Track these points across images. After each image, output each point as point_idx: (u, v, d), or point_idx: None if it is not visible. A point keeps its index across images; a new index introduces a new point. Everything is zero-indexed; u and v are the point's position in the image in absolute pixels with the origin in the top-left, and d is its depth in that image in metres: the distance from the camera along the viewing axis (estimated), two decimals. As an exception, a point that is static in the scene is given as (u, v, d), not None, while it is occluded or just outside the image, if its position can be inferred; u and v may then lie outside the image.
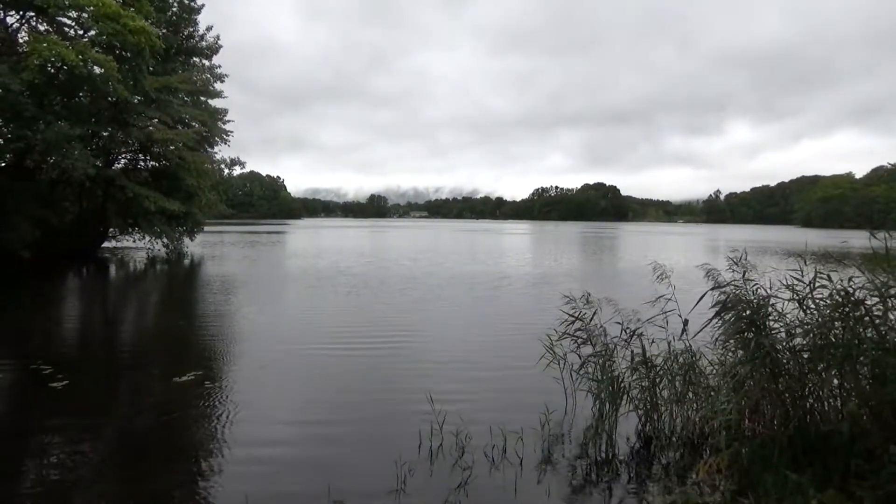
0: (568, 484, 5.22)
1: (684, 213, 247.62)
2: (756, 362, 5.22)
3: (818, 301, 5.26)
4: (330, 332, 11.88)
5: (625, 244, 53.71)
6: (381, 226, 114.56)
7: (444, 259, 31.50)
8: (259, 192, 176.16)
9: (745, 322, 5.38)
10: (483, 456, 5.69)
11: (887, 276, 5.11)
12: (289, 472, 5.37)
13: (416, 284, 19.58)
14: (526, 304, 15.90)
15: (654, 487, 5.18)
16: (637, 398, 6.40)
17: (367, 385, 8.11)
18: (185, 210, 29.65)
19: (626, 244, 53.71)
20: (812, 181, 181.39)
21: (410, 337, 11.48)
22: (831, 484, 4.39)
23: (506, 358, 9.80)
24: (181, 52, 32.97)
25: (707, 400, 5.98)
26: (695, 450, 5.83)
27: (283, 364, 9.10)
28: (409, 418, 6.57)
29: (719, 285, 5.77)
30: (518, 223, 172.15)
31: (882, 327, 4.97)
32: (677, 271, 6.64)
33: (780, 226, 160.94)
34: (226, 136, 34.25)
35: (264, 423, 6.61)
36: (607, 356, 6.60)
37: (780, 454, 4.77)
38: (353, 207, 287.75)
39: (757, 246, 46.29)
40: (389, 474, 5.20)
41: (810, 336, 5.14)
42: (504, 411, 6.93)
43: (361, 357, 9.61)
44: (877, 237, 5.40)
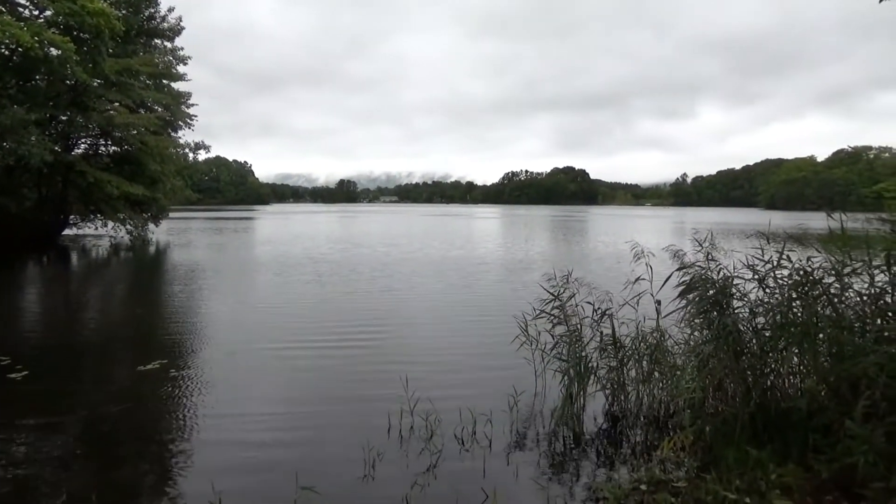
0: (536, 464, 5.27)
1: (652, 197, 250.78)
2: (719, 341, 5.32)
3: (779, 280, 5.37)
4: (300, 319, 11.79)
5: (594, 227, 54.27)
6: (350, 211, 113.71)
7: (415, 244, 31.46)
8: (226, 178, 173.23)
9: (709, 302, 5.47)
10: (453, 439, 5.72)
11: (843, 255, 5.24)
12: (257, 459, 5.32)
13: (387, 271, 19.56)
14: (499, 287, 15.98)
15: (621, 466, 5.26)
16: (605, 378, 6.48)
17: (338, 372, 8.08)
18: (150, 196, 29.04)
19: (596, 227, 54.28)
20: (776, 164, 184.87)
21: (382, 323, 11.47)
22: (790, 458, 4.51)
23: (479, 341, 9.86)
24: (142, 34, 32.09)
25: (672, 379, 6.08)
26: (660, 428, 5.94)
27: (252, 351, 9.01)
28: (380, 404, 6.55)
29: (684, 266, 5.85)
30: (488, 207, 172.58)
31: (839, 305, 5.10)
32: (646, 253, 6.72)
33: (745, 208, 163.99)
34: (190, 119, 33.55)
35: (232, 410, 6.55)
36: (577, 337, 6.67)
37: (741, 431, 4.88)
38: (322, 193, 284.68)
39: (722, 228, 47.17)
40: (358, 459, 5.19)
41: (771, 315, 5.24)
42: (475, 394, 6.96)
43: (332, 344, 9.57)
44: (833, 218, 5.52)
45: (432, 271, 19.36)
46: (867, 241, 5.41)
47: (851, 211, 5.71)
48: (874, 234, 5.41)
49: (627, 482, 4.70)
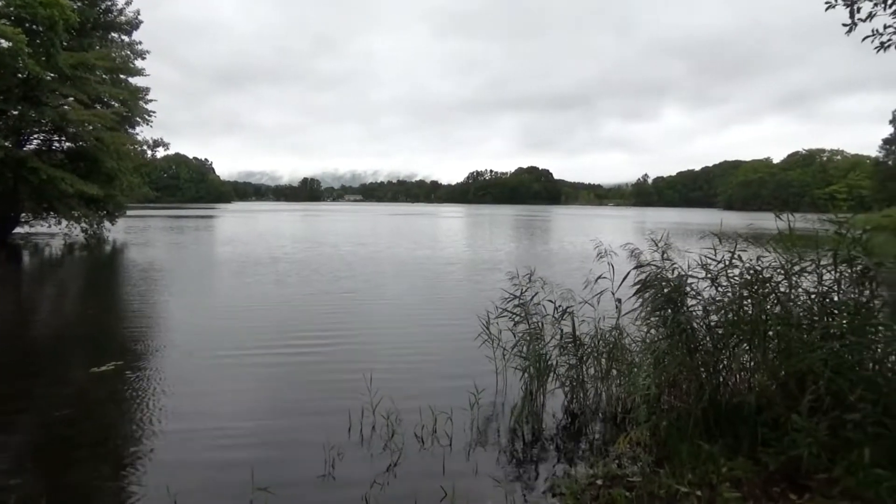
0: (495, 461, 5.32)
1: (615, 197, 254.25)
2: (674, 339, 5.45)
3: (730, 279, 5.52)
4: (260, 320, 11.65)
5: (558, 227, 54.82)
6: (313, 210, 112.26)
7: (380, 244, 31.37)
8: (186, 175, 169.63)
9: (663, 300, 5.59)
10: (413, 438, 5.73)
11: (792, 255, 5.41)
12: (213, 460, 5.26)
13: (352, 271, 19.45)
14: (464, 287, 16.04)
15: (580, 461, 5.34)
16: (564, 375, 6.57)
17: (298, 373, 8.02)
18: (105, 193, 28.30)
19: (560, 227, 54.84)
20: (734, 166, 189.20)
21: (345, 324, 11.41)
22: (741, 452, 4.65)
23: (442, 340, 9.89)
24: (98, 27, 31.24)
25: (630, 376, 6.20)
26: (618, 424, 6.04)
27: (210, 352, 8.87)
28: (341, 404, 6.52)
29: (641, 265, 5.97)
30: (453, 207, 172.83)
31: (788, 303, 5.26)
32: (607, 252, 6.83)
33: (704, 208, 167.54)
34: (148, 115, 32.83)
35: (188, 411, 6.44)
36: (538, 335, 6.75)
37: (694, 426, 5.01)
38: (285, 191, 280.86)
39: (681, 228, 48.15)
40: (318, 459, 5.17)
41: (723, 313, 5.39)
42: (437, 393, 6.97)
43: (293, 345, 9.47)
44: (781, 219, 5.70)
45: (397, 271, 19.34)
46: (815, 241, 5.61)
47: (805, 211, 5.90)
48: (822, 234, 5.61)
49: (584, 477, 4.78)
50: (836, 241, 5.34)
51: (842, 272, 5.33)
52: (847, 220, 5.44)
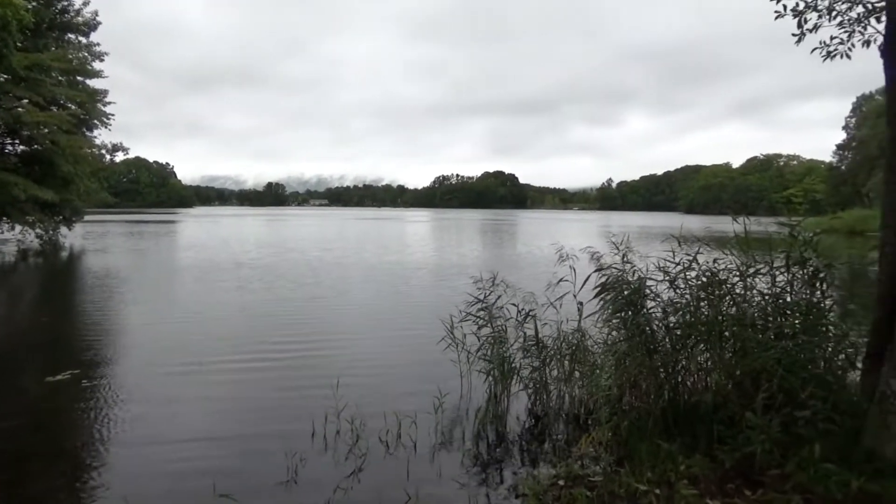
0: (460, 464, 5.34)
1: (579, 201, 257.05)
2: (634, 340, 5.55)
3: (688, 281, 5.65)
4: (223, 327, 11.48)
5: (525, 231, 55.26)
6: (277, 214, 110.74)
7: (348, 249, 31.20)
8: (146, 180, 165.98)
9: (624, 302, 5.70)
10: (378, 442, 5.72)
11: (747, 257, 5.58)
12: (173, 469, 5.16)
13: (318, 276, 19.31)
14: (430, 291, 16.05)
15: (543, 463, 5.39)
16: (528, 378, 6.63)
17: (262, 380, 7.92)
18: (61, 198, 27.56)
19: (526, 231, 55.28)
20: (695, 170, 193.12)
21: (310, 330, 11.33)
22: (698, 450, 4.75)
23: (408, 345, 9.89)
24: (54, 28, 30.41)
25: (592, 377, 6.29)
26: (581, 425, 6.12)
27: (171, 360, 8.70)
28: (305, 410, 6.45)
29: (601, 268, 6.07)
30: (419, 211, 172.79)
31: (742, 304, 5.42)
32: (571, 255, 6.92)
33: (666, 212, 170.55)
34: (107, 118, 32.08)
35: (147, 421, 6.30)
36: (501, 338, 6.81)
37: (654, 425, 5.11)
38: (249, 195, 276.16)
39: (644, 231, 48.99)
40: (281, 466, 5.11)
41: (681, 314, 5.51)
42: (402, 397, 6.97)
43: (257, 352, 9.33)
44: (738, 222, 5.87)
45: (364, 276, 19.27)
46: (769, 243, 5.79)
47: (764, 215, 6.07)
48: (776, 237, 5.79)
49: (547, 478, 4.83)
50: (789, 243, 5.52)
51: (794, 273, 5.51)
52: (799, 223, 5.63)
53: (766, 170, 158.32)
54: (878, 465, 4.13)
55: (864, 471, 4.05)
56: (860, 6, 5.94)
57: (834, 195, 75.42)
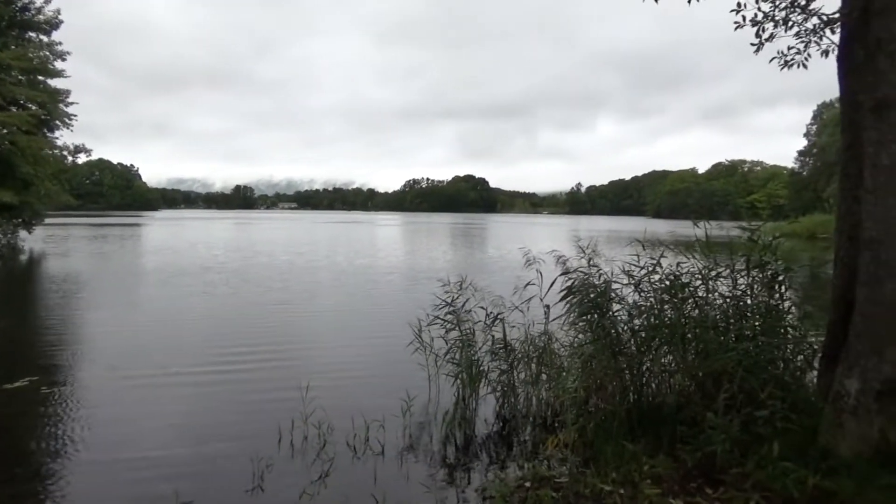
0: (427, 467, 5.35)
1: (549, 205, 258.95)
2: (600, 342, 5.63)
3: (652, 285, 5.75)
4: (188, 333, 11.31)
5: (495, 235, 55.49)
6: (245, 218, 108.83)
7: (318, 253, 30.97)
8: (110, 182, 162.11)
9: (590, 305, 5.78)
10: (346, 447, 5.69)
11: (709, 261, 5.70)
12: (135, 477, 5.07)
13: (287, 281, 19.13)
14: (401, 296, 16.03)
15: (511, 465, 5.43)
16: (496, 381, 6.67)
17: (226, 387, 7.80)
18: (21, 200, 26.86)
19: (497, 235, 55.53)
20: (662, 175, 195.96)
21: (278, 334, 11.23)
22: (662, 450, 4.83)
23: (376, 349, 9.87)
24: (14, 26, 29.67)
25: (558, 380, 6.35)
26: (548, 427, 6.17)
27: (134, 366, 8.54)
28: (272, 416, 6.39)
29: (568, 271, 6.14)
30: (390, 214, 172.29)
31: (704, 307, 5.54)
32: (538, 259, 6.98)
33: (634, 216, 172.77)
34: (69, 119, 31.38)
35: (108, 428, 6.18)
36: (469, 341, 6.83)
37: (619, 426, 5.18)
38: (216, 198, 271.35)
39: (613, 235, 49.59)
40: (246, 472, 5.06)
41: (645, 317, 5.61)
42: (371, 402, 6.94)
43: (221, 359, 9.18)
44: (699, 226, 6.00)
45: (334, 281, 19.15)
46: (730, 247, 5.93)
47: (728, 220, 6.22)
48: (737, 241, 5.93)
49: (514, 480, 4.86)
50: (749, 247, 5.67)
51: (754, 277, 5.66)
52: (758, 228, 5.78)
53: (731, 175, 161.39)
54: (833, 462, 4.25)
55: (819, 468, 4.16)
56: (815, 17, 6.14)
57: (796, 200, 77.28)
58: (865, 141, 4.31)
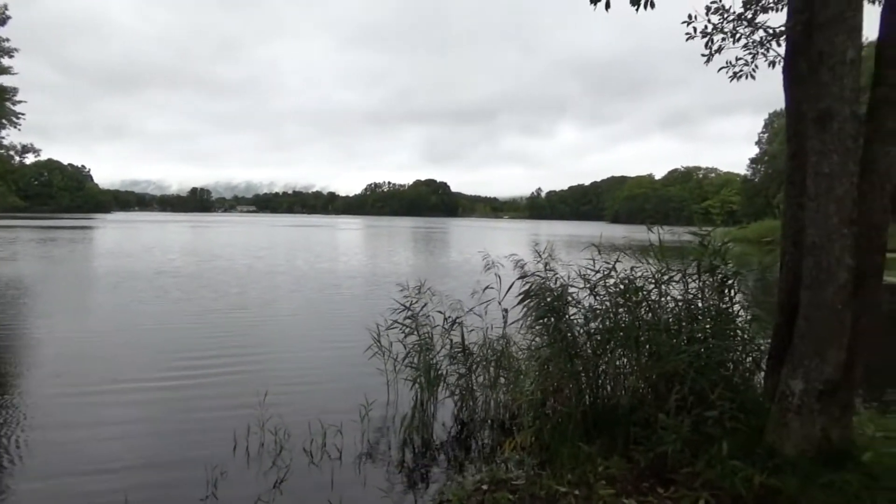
0: (385, 472, 5.34)
1: (510, 210, 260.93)
2: (557, 345, 5.70)
3: (608, 288, 5.86)
4: (140, 340, 11.00)
5: (455, 239, 55.63)
6: (201, 221, 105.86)
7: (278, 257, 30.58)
8: (59, 183, 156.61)
9: (547, 309, 5.85)
10: (302, 453, 5.64)
11: (661, 265, 5.83)
12: (82, 489, 4.92)
13: (242, 285, 18.83)
14: (361, 300, 15.93)
15: (469, 468, 5.45)
16: (454, 385, 6.69)
17: (179, 395, 7.57)
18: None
19: (456, 239, 55.68)
20: (621, 181, 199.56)
21: (235, 341, 11.04)
22: (616, 451, 4.93)
23: (335, 355, 9.81)
24: (-43, 21, 28.62)
25: (516, 383, 6.41)
26: (505, 430, 6.22)
27: (83, 373, 8.27)
28: (226, 423, 6.27)
29: (525, 275, 6.21)
30: (351, 218, 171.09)
31: (657, 310, 5.67)
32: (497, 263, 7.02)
33: (593, 221, 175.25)
34: (16, 118, 30.39)
35: (56, 439, 5.97)
36: (428, 345, 6.84)
37: (574, 428, 5.25)
38: (171, 201, 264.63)
39: (571, 240, 50.21)
40: (199, 481, 4.95)
41: (601, 320, 5.71)
42: (329, 407, 6.89)
43: (174, 367, 8.95)
44: (652, 231, 6.13)
45: (294, 286, 18.92)
46: (682, 252, 6.08)
47: (684, 225, 6.37)
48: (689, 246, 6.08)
49: (471, 483, 4.89)
50: (700, 252, 5.82)
51: (705, 281, 5.81)
52: (709, 233, 5.94)
53: (687, 181, 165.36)
54: (779, 460, 4.39)
55: (766, 467, 4.30)
56: (761, 30, 6.36)
57: (748, 206, 79.52)
58: (809, 150, 4.47)
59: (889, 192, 4.65)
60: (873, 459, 4.49)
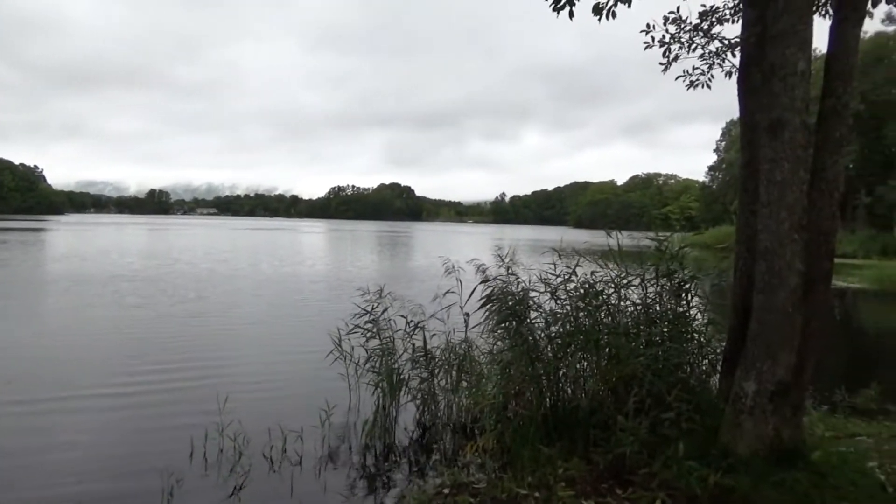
0: (346, 478, 5.30)
1: (474, 214, 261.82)
2: (518, 349, 5.75)
3: (568, 292, 5.93)
4: (94, 347, 10.72)
5: (419, 243, 55.60)
6: (160, 224, 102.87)
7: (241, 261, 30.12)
8: (10, 183, 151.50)
9: (508, 313, 5.89)
10: (262, 458, 5.56)
11: (621, 269, 5.94)
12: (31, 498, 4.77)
13: (202, 290, 18.50)
14: (323, 305, 15.80)
15: (430, 473, 5.45)
16: (416, 389, 6.68)
17: (135, 403, 7.38)
18: None
19: (420, 243, 55.66)
20: (583, 187, 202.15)
21: (195, 346, 10.83)
22: (576, 453, 4.98)
23: (296, 360, 9.71)
24: None
25: (478, 386, 6.43)
26: (467, 434, 6.23)
27: (30, 383, 7.98)
28: (184, 431, 6.11)
29: (487, 279, 6.25)
30: (314, 222, 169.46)
31: (617, 314, 5.76)
32: (460, 268, 7.05)
33: (557, 226, 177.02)
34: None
35: (4, 445, 5.79)
36: (390, 350, 6.82)
37: (535, 431, 5.29)
38: (129, 202, 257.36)
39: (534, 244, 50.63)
40: (154, 489, 4.84)
41: (561, 323, 5.77)
42: (290, 413, 6.80)
43: (130, 374, 8.72)
44: (611, 236, 6.24)
45: (255, 290, 18.68)
46: (641, 257, 6.20)
47: (645, 230, 6.48)
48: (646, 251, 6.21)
49: (432, 487, 4.88)
50: (658, 257, 5.94)
51: (663, 285, 5.93)
52: (667, 238, 6.07)
53: (648, 188, 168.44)
54: (733, 460, 4.49)
55: (720, 466, 4.39)
56: (717, 41, 6.54)
57: (707, 212, 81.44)
58: (761, 158, 4.61)
59: (837, 200, 4.83)
60: (822, 458, 4.64)
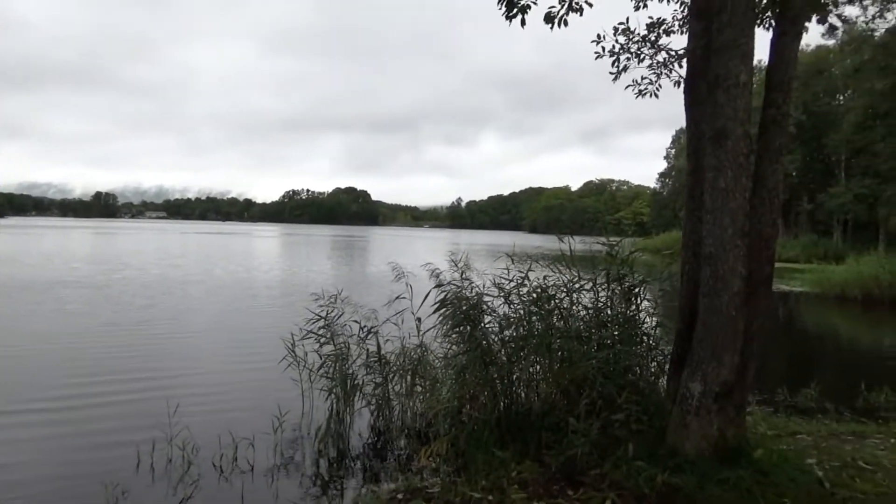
0: (299, 484, 5.24)
1: (430, 218, 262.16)
2: (472, 353, 5.78)
3: (521, 297, 6.00)
4: (31, 355, 10.31)
5: (375, 248, 55.35)
6: (106, 227, 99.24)
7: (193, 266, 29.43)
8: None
9: (462, 317, 5.93)
10: (212, 467, 5.45)
11: (573, 274, 6.04)
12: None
13: (152, 296, 18.02)
14: (277, 311, 15.58)
15: (384, 478, 5.43)
16: (370, 394, 6.65)
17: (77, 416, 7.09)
18: None
19: (376, 248, 55.41)
20: (538, 192, 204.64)
21: (143, 354, 10.52)
22: (529, 456, 5.04)
23: (248, 366, 9.55)
24: None
25: (433, 391, 6.44)
26: (421, 439, 6.22)
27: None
28: (129, 440, 5.96)
29: (441, 284, 6.27)
30: (268, 226, 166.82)
31: (569, 317, 5.86)
32: (415, 272, 7.05)
33: (512, 231, 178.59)
34: None
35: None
36: (344, 355, 6.77)
37: (489, 434, 5.33)
38: (73, 205, 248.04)
39: (491, 249, 51.00)
40: (97, 501, 4.70)
41: (515, 327, 5.84)
42: (241, 420, 6.69)
43: (71, 386, 8.37)
44: (563, 241, 6.35)
45: (210, 296, 18.26)
46: (593, 261, 6.32)
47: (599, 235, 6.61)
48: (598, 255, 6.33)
49: (386, 493, 4.87)
50: (609, 261, 6.06)
51: (613, 289, 6.06)
52: (617, 243, 6.20)
53: (601, 193, 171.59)
54: (679, 460, 4.61)
55: (667, 466, 4.52)
56: (664, 52, 6.74)
57: (657, 218, 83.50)
58: (706, 166, 4.76)
59: (778, 207, 5.02)
60: (764, 456, 4.80)
